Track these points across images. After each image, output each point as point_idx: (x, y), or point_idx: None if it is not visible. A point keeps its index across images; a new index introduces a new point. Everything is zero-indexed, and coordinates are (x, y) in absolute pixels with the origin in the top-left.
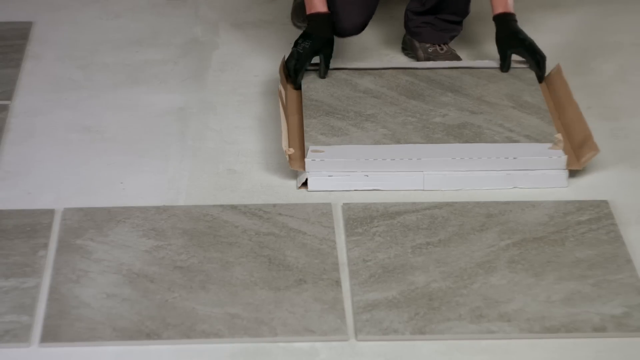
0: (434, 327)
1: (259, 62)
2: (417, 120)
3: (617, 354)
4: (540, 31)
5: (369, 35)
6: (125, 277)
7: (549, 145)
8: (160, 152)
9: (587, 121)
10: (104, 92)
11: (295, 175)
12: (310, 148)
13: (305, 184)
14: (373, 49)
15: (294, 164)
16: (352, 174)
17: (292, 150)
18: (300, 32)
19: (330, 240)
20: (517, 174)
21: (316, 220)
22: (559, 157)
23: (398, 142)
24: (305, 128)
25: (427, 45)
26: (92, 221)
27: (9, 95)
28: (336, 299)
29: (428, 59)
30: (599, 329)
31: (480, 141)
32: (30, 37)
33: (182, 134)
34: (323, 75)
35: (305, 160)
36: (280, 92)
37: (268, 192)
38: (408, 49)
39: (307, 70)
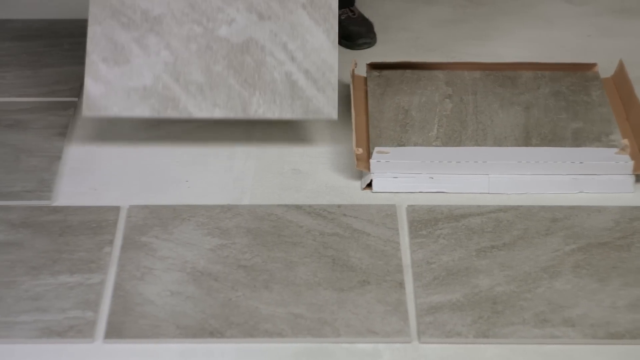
0: (497, 331)
1: None
2: (202, 32)
3: None
4: (609, 36)
5: None
6: (189, 275)
7: (616, 150)
8: (226, 151)
9: None
10: None
11: (359, 176)
12: (376, 149)
13: (370, 185)
14: None
15: (359, 164)
16: (417, 175)
17: (360, 151)
18: None
19: (394, 241)
20: (583, 178)
21: (380, 222)
22: (626, 163)
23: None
24: (87, 45)
25: (339, 12)
26: (157, 219)
27: (76, 92)
28: (399, 301)
29: (342, 27)
30: None
31: (260, 79)
32: None
33: (248, 133)
34: None
35: (370, 161)
36: (351, 93)
37: (333, 192)
38: None
39: None
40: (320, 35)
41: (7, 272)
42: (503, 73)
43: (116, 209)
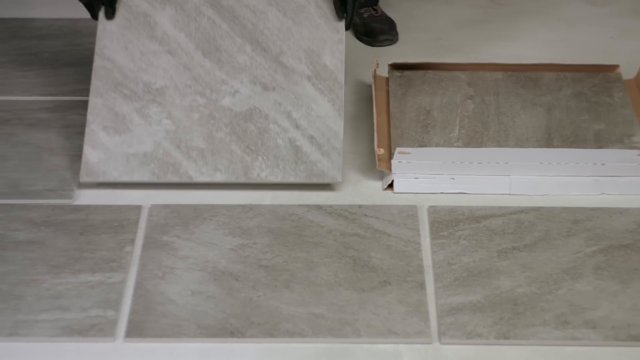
0: (518, 332)
1: (347, 63)
2: (205, 103)
3: None
4: (631, 37)
5: None
6: (211, 275)
7: (638, 152)
8: None
9: None
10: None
11: (381, 176)
12: (397, 150)
13: (391, 185)
14: None
15: (381, 165)
16: (439, 176)
17: (382, 151)
18: None
19: (415, 242)
20: (605, 180)
21: (401, 222)
22: None
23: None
24: (88, 115)
25: (362, 10)
26: (178, 218)
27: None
28: (420, 302)
29: (364, 24)
30: None
31: (263, 146)
32: None
33: None
34: (109, 16)
35: (392, 161)
36: (372, 93)
37: (354, 193)
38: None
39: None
40: (326, 104)
41: (29, 271)
42: (525, 74)
43: (137, 208)
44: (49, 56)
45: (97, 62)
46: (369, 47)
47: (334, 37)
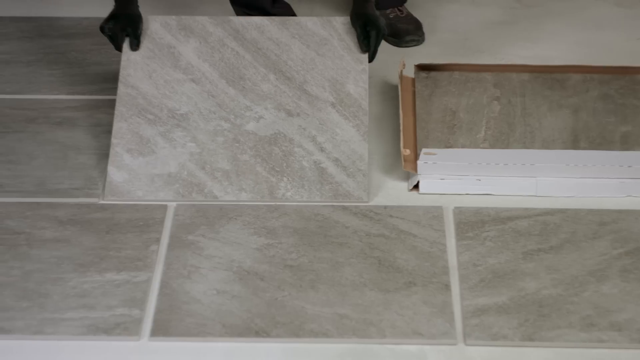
0: (543, 334)
1: (373, 63)
2: (230, 128)
3: None
4: None
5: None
6: (236, 274)
7: None
8: None
9: None
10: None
11: (407, 177)
12: (423, 150)
13: (417, 186)
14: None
15: (406, 165)
16: (464, 177)
17: (408, 152)
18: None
19: (441, 243)
20: (631, 182)
21: (427, 223)
22: None
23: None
24: (112, 138)
25: (388, 11)
26: (204, 217)
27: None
28: (445, 303)
29: (390, 25)
30: None
31: (287, 167)
32: None
33: None
34: (134, 47)
35: (418, 162)
36: (399, 94)
37: (379, 193)
38: None
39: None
40: (350, 129)
41: (55, 269)
42: (552, 75)
43: (163, 207)
44: (76, 55)
45: (121, 90)
46: (395, 48)
47: (357, 67)
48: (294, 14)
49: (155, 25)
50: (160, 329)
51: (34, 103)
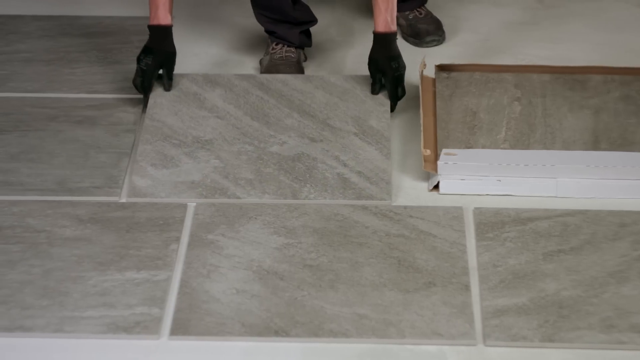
0: (563, 335)
1: None
2: (254, 149)
3: None
4: None
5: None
6: (255, 274)
7: None
8: None
9: None
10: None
11: (427, 177)
12: (444, 151)
13: (437, 186)
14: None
15: (427, 166)
16: (485, 178)
17: (428, 152)
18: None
19: (461, 244)
20: None
21: (447, 224)
22: None
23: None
24: (137, 156)
25: (407, 12)
26: (223, 216)
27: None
28: (465, 303)
29: (410, 26)
30: None
31: (311, 177)
32: None
33: None
34: (167, 88)
35: (438, 162)
36: (419, 94)
37: (399, 193)
38: None
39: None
40: (373, 151)
41: (75, 267)
42: (573, 76)
43: (183, 207)
44: (96, 54)
45: (147, 122)
46: (416, 48)
47: (379, 109)
48: (314, 18)
49: (182, 80)
50: (180, 328)
51: (54, 101)
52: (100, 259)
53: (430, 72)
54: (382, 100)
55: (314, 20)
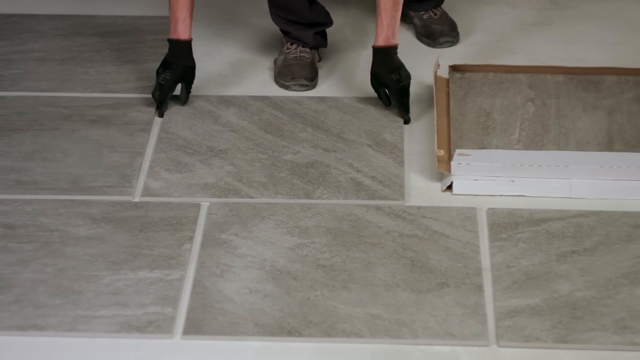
0: (576, 336)
1: (407, 63)
2: (267, 157)
3: None
4: None
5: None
6: (269, 274)
7: None
8: None
9: None
10: None
11: (440, 177)
12: (457, 151)
13: (450, 187)
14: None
15: (440, 166)
16: (498, 178)
17: (441, 152)
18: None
19: (474, 244)
20: None
21: (460, 224)
22: None
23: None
24: (150, 163)
25: (422, 12)
26: (237, 216)
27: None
28: (478, 304)
29: (424, 26)
30: None
31: (324, 181)
32: None
33: None
34: (184, 102)
35: (451, 163)
36: (433, 94)
37: (412, 193)
38: (403, 18)
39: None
40: (386, 159)
41: (88, 266)
42: (586, 77)
43: (197, 206)
44: (110, 53)
45: (162, 135)
46: (430, 48)
47: (393, 125)
48: (330, 20)
49: (197, 100)
50: (193, 328)
51: (68, 101)
52: (113, 258)
53: (444, 72)
54: (396, 118)
55: (329, 22)
